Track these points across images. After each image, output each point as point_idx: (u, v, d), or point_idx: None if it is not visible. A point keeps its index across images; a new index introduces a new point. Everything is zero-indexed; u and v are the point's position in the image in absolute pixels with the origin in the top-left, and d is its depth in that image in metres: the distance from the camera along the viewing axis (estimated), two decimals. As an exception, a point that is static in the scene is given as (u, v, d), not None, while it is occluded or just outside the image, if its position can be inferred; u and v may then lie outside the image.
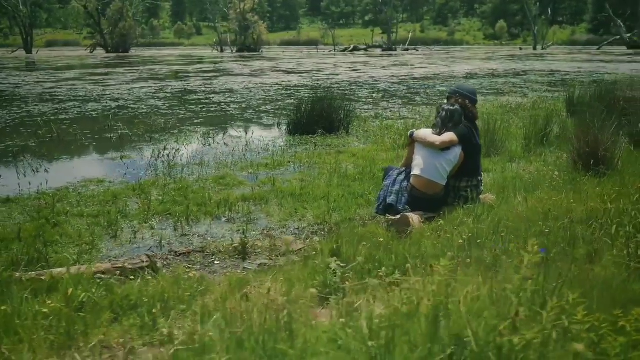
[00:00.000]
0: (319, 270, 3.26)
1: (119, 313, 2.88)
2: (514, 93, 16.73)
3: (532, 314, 1.65)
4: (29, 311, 2.76)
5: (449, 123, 4.70)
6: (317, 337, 1.95)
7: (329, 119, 10.05)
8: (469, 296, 1.81)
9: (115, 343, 2.62)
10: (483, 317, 1.68)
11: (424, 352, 1.59)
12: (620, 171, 5.41)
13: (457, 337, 1.60)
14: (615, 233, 2.79)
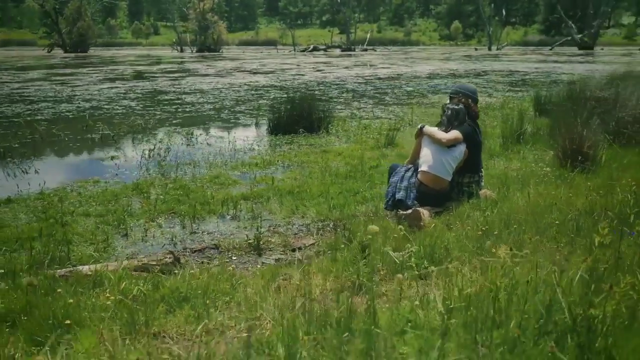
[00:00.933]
0: (350, 262, 3.48)
1: (171, 305, 3.04)
2: (479, 93, 17.21)
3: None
4: (88, 304, 2.91)
5: (455, 121, 5.01)
6: (394, 318, 2.16)
7: (309, 118, 10.27)
8: (549, 276, 2.05)
9: (175, 332, 2.79)
10: (568, 292, 1.92)
11: (516, 325, 1.82)
12: (604, 166, 5.80)
13: (547, 309, 1.84)
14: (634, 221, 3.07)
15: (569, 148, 5.92)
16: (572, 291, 1.95)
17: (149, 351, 1.96)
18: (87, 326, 2.68)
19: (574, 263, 2.21)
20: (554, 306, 1.86)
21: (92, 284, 3.28)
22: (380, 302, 2.70)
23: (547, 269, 2.12)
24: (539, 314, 1.86)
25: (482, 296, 2.01)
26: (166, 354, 2.07)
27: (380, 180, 6.70)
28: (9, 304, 2.91)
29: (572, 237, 3.53)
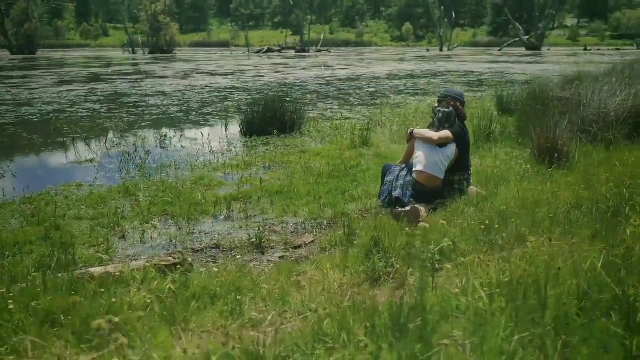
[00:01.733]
0: (363, 257, 3.65)
1: (204, 301, 3.15)
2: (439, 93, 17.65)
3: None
4: (125, 302, 2.99)
5: (446, 123, 5.25)
6: (439, 304, 2.34)
7: (282, 119, 10.40)
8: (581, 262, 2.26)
9: (212, 327, 2.91)
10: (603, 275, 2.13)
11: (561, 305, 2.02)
12: (577, 163, 6.14)
13: (584, 292, 2.04)
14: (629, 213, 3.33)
15: (544, 146, 6.24)
16: (606, 274, 2.17)
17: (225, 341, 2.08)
18: (131, 323, 2.76)
19: (595, 251, 2.44)
20: (592, 288, 2.07)
21: (118, 284, 3.34)
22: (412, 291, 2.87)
23: (575, 257, 2.33)
24: (579, 295, 2.07)
25: (520, 282, 2.21)
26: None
27: (363, 179, 6.91)
28: (48, 304, 2.96)
29: (565, 229, 3.78)
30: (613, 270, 2.17)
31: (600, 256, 2.30)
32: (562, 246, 2.63)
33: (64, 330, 2.74)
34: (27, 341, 2.47)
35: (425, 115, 12.18)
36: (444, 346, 1.71)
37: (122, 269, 3.61)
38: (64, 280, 3.34)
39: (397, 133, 9.95)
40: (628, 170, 5.29)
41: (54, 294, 3.08)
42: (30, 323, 2.78)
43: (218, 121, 12.45)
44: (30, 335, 2.58)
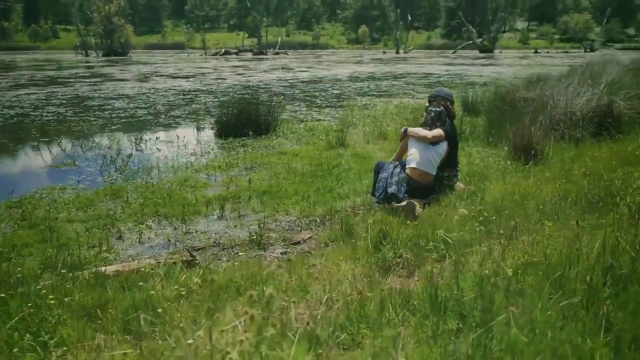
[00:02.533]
0: (371, 248, 3.85)
1: (229, 293, 3.29)
2: (403, 94, 18.07)
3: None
4: (159, 295, 3.10)
5: (438, 122, 5.50)
6: (474, 284, 2.53)
7: (257, 121, 10.52)
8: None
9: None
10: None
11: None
12: (551, 159, 6.48)
13: (608, 266, 2.27)
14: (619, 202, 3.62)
15: (520, 144, 6.56)
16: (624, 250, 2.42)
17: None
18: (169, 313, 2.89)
19: (601, 233, 2.69)
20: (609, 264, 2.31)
21: (142, 280, 3.44)
22: (435, 277, 3.07)
23: (587, 238, 2.58)
24: (603, 269, 2.30)
25: (545, 262, 2.43)
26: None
27: (347, 178, 7.11)
28: (83, 299, 3.05)
29: (555, 219, 4.06)
30: (628, 246, 2.42)
31: (609, 237, 2.56)
32: (570, 230, 2.88)
33: (103, 322, 2.84)
34: (73, 332, 2.57)
35: (394, 116, 12.51)
36: (511, 313, 1.91)
37: (137, 266, 3.71)
38: (88, 277, 3.43)
39: (371, 133, 10.20)
40: (600, 165, 5.64)
41: (84, 290, 3.17)
42: (67, 317, 2.87)
43: (189, 123, 12.47)
44: (71, 328, 2.68)
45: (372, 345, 2.06)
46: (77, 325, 2.78)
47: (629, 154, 5.94)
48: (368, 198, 6.00)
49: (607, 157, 6.04)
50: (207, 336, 2.27)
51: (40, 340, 2.63)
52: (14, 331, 2.73)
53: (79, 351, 2.55)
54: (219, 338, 2.42)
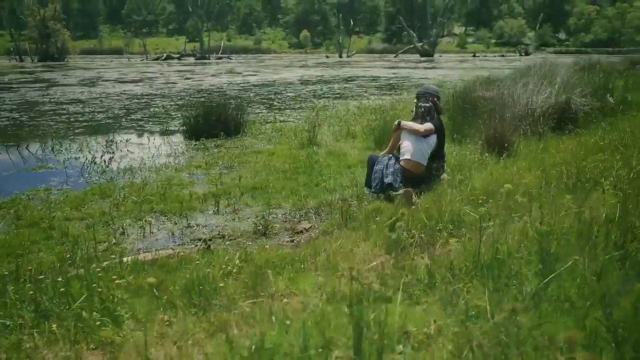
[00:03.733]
0: (385, 231, 4.15)
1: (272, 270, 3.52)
2: (358, 96, 18.51)
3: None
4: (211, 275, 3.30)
5: (427, 116, 5.87)
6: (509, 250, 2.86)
7: (226, 123, 10.69)
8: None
9: (286, 293, 3.29)
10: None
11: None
12: (520, 152, 6.96)
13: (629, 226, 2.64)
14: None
15: (492, 137, 7.02)
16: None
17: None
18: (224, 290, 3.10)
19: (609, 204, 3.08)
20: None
21: (180, 263, 3.63)
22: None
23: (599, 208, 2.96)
24: (624, 232, 2.67)
25: (570, 229, 2.79)
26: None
27: (329, 173, 7.41)
28: (138, 280, 3.23)
29: (542, 202, 4.46)
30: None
31: (611, 207, 2.94)
32: (579, 202, 3.26)
33: (162, 299, 3.02)
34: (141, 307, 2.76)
35: (357, 116, 12.85)
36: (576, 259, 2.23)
37: (168, 254, 3.89)
38: (128, 264, 3.60)
39: (339, 133, 10.53)
40: (570, 155, 6.13)
41: (133, 274, 3.34)
42: (128, 297, 3.04)
43: (155, 126, 12.49)
44: (137, 305, 2.87)
45: (445, 290, 2.36)
46: (139, 302, 2.96)
47: (593, 145, 6.46)
48: (356, 190, 6.32)
49: (574, 148, 6.54)
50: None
51: (113, 315, 2.81)
52: (81, 310, 2.89)
53: (150, 324, 2.74)
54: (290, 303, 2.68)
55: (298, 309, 2.44)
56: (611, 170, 4.69)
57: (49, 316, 2.97)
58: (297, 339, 1.90)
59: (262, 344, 1.90)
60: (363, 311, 2.02)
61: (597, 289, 2.11)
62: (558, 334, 1.77)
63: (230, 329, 2.38)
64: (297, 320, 2.13)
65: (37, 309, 3.01)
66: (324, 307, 2.42)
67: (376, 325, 1.86)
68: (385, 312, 1.97)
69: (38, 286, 3.20)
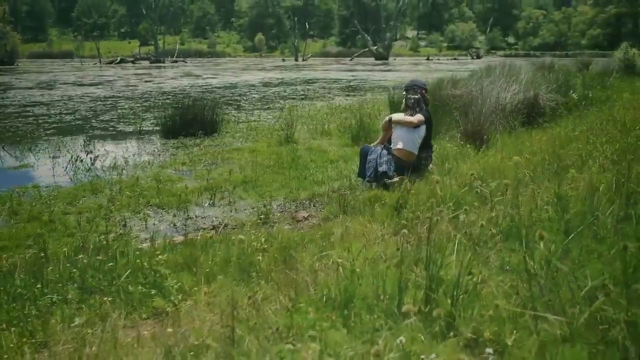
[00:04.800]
0: (389, 214, 4.43)
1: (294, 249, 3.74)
2: (324, 97, 18.81)
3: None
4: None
5: (417, 107, 6.18)
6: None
7: (202, 122, 10.82)
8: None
9: (309, 266, 3.53)
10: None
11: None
12: (495, 144, 7.36)
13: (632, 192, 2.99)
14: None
15: (471, 131, 7.40)
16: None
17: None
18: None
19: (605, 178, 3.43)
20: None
21: (208, 244, 3.82)
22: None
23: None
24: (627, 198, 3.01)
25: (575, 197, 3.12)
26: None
27: (314, 168, 7.66)
28: (175, 258, 3.41)
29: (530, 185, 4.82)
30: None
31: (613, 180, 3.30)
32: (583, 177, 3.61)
33: (198, 274, 3.22)
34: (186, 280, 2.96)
35: (328, 116, 13.11)
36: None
37: (194, 236, 4.08)
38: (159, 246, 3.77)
39: (314, 131, 10.78)
40: (543, 145, 6.55)
41: (169, 253, 3.53)
42: (171, 272, 3.23)
43: (126, 127, 12.48)
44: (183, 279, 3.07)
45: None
46: (180, 276, 3.15)
47: (565, 136, 6.90)
48: (345, 182, 6.59)
49: (547, 139, 6.97)
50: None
51: (159, 288, 3.00)
52: (127, 284, 3.06)
53: (197, 295, 2.94)
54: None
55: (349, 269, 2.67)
56: (591, 155, 5.09)
57: (93, 292, 3.13)
58: (369, 288, 2.14)
59: (331, 292, 2.13)
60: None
61: (615, 242, 2.42)
62: (592, 277, 2.06)
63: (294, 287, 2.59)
64: (364, 275, 2.37)
65: (82, 286, 3.16)
66: (375, 266, 2.67)
67: (434, 279, 2.12)
68: (439, 267, 2.23)
69: (74, 267, 3.35)
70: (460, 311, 1.97)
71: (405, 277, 2.18)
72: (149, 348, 2.24)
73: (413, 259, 2.56)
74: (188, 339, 2.21)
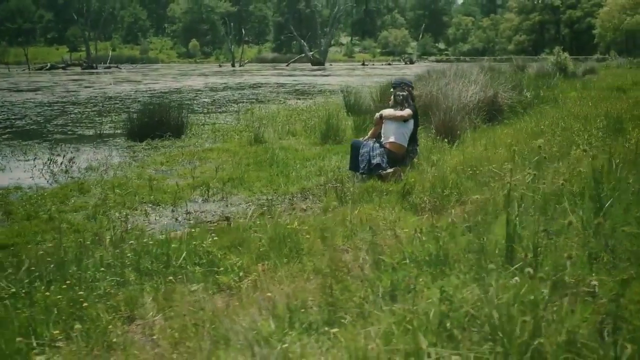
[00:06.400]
0: (396, 199, 4.75)
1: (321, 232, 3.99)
2: (276, 100, 19.02)
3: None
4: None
5: (405, 103, 6.53)
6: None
7: (168, 124, 10.86)
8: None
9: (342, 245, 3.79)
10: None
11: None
12: (467, 138, 7.83)
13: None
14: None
15: (442, 127, 7.83)
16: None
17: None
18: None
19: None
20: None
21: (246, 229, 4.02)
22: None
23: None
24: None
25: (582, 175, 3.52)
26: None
27: (294, 165, 7.90)
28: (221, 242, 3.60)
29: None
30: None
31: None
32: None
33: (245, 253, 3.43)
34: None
35: (288, 117, 13.34)
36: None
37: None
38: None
39: (280, 131, 11.00)
40: (514, 139, 7.05)
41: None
42: (223, 253, 3.42)
43: (86, 130, 12.34)
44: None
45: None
46: (232, 256, 3.35)
47: (531, 130, 7.42)
48: (331, 176, 6.87)
49: (514, 133, 7.48)
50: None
51: (216, 266, 3.20)
52: (185, 265, 3.24)
53: (257, 271, 3.15)
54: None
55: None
56: (575, 142, 5.59)
57: (149, 274, 3.29)
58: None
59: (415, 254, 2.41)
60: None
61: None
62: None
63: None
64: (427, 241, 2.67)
65: (138, 269, 3.31)
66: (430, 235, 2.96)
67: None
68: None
69: (122, 254, 3.49)
70: (542, 259, 2.29)
71: (476, 238, 2.48)
72: (246, 311, 2.44)
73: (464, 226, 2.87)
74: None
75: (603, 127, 6.86)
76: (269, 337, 2.04)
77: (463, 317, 1.87)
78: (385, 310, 2.06)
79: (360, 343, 1.78)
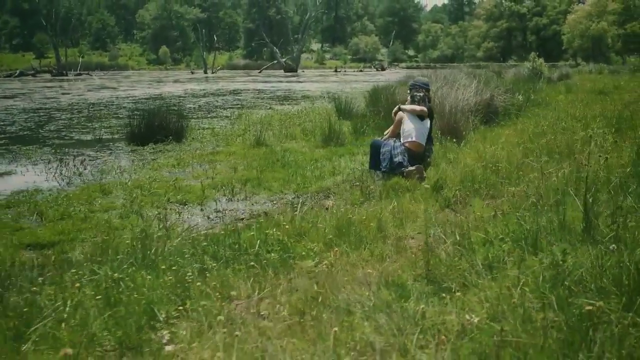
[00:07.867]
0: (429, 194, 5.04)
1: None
2: (262, 106, 19.23)
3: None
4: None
5: (422, 103, 6.83)
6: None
7: (168, 129, 10.99)
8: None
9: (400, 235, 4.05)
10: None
11: None
12: (471, 139, 8.19)
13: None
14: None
15: (447, 129, 8.17)
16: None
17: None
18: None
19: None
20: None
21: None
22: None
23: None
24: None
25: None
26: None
27: (304, 165, 8.15)
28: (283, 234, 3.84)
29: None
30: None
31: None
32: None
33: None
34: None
35: (282, 122, 13.57)
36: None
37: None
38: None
39: (279, 135, 11.23)
40: (518, 139, 7.41)
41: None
42: (293, 240, 3.67)
43: (83, 135, 12.38)
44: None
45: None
46: (302, 244, 3.59)
47: (530, 132, 7.81)
48: (349, 175, 7.14)
49: (516, 134, 7.85)
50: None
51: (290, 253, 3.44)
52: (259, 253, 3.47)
53: (329, 257, 3.40)
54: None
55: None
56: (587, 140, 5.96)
57: (227, 261, 3.50)
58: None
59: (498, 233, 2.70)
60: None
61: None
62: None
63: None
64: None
65: (215, 257, 3.53)
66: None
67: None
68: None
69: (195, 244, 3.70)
70: (623, 233, 2.59)
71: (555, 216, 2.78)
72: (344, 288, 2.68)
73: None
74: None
75: (604, 126, 7.29)
76: (389, 304, 2.28)
77: (573, 281, 2.15)
78: (488, 279, 2.32)
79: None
